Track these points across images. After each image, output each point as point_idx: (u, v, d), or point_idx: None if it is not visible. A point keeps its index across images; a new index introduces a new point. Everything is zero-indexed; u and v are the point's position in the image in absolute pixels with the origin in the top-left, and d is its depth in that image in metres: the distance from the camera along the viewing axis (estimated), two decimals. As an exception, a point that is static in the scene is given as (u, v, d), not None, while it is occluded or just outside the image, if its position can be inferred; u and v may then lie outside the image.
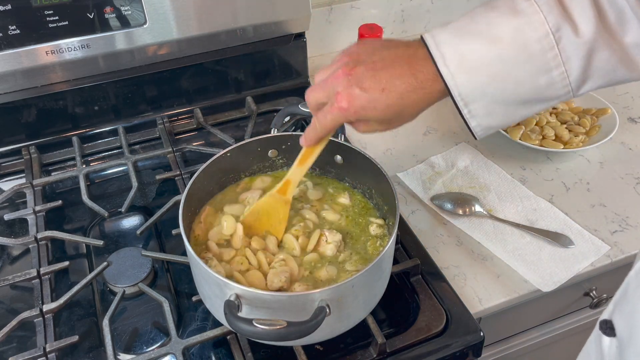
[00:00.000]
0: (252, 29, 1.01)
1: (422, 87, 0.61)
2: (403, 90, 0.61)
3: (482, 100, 0.60)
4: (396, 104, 0.61)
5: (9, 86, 0.92)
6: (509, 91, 0.59)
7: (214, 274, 0.62)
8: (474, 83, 0.59)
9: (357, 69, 0.61)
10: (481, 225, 0.90)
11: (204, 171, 0.76)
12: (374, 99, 0.61)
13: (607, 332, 0.59)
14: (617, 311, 0.59)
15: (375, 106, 0.61)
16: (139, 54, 0.96)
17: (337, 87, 0.62)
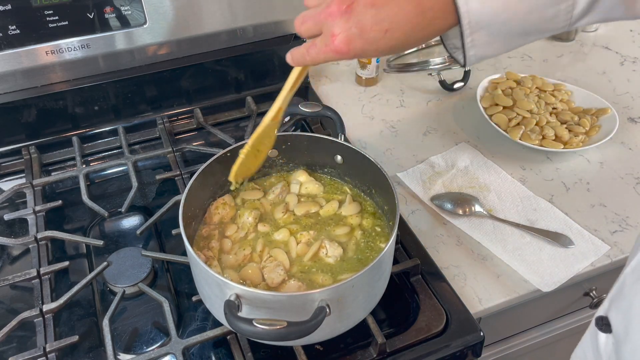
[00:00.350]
0: (252, 29, 1.01)
1: (430, 24, 0.56)
2: (409, 30, 0.56)
3: (487, 29, 0.57)
4: (400, 43, 0.57)
5: (9, 86, 0.91)
6: (516, 21, 0.57)
7: (214, 274, 0.62)
8: (486, 10, 0.55)
9: (354, 6, 0.56)
10: (481, 225, 0.90)
11: (204, 171, 0.76)
12: (375, 41, 0.56)
13: (603, 328, 0.59)
14: (613, 307, 0.59)
15: (377, 48, 0.57)
16: (139, 54, 0.96)
17: (332, 26, 0.57)
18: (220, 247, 0.76)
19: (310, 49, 0.60)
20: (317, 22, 0.59)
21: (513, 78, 1.14)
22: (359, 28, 0.56)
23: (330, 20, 0.57)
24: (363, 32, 0.56)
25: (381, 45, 0.57)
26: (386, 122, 1.11)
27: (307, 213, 0.80)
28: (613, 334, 0.58)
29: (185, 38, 0.96)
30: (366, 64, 1.16)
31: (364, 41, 0.56)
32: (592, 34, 1.36)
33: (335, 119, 0.83)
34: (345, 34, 0.56)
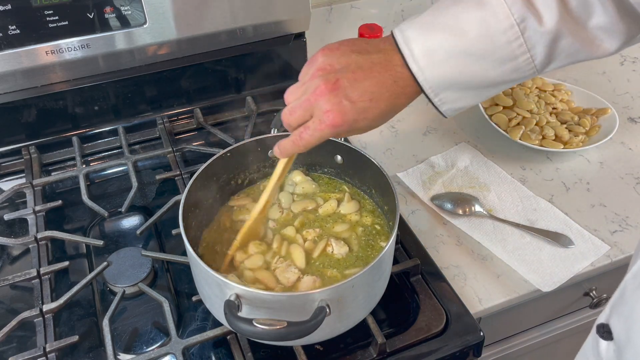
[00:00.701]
0: (252, 29, 1.01)
1: (404, 92, 0.62)
2: (389, 97, 0.62)
3: (451, 89, 0.62)
4: (386, 110, 0.62)
5: (9, 86, 0.91)
6: (476, 79, 0.61)
7: (214, 273, 0.62)
8: (442, 75, 0.60)
9: (340, 82, 0.60)
10: (481, 225, 0.90)
11: (204, 171, 0.76)
12: (364, 110, 0.61)
13: (605, 335, 0.59)
14: (614, 314, 0.59)
15: (366, 116, 0.61)
16: (139, 54, 0.96)
17: (323, 105, 0.60)
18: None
19: (302, 134, 0.63)
20: (306, 108, 0.62)
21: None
22: (348, 100, 0.60)
23: (320, 99, 0.60)
24: (353, 104, 0.60)
25: (369, 114, 0.61)
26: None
27: (305, 209, 0.80)
28: (614, 341, 0.58)
29: (185, 38, 0.96)
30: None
31: (355, 112, 0.60)
32: (592, 34, 1.36)
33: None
34: (337, 107, 0.60)
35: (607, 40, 0.61)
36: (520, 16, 0.57)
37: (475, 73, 0.60)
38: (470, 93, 0.63)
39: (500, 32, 0.58)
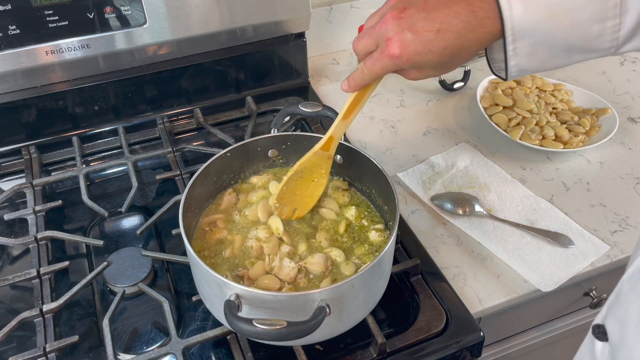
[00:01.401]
0: (252, 29, 1.01)
1: (482, 24, 0.57)
2: (461, 29, 0.57)
3: (530, 38, 0.57)
4: (453, 45, 0.57)
5: (9, 86, 0.92)
6: (559, 33, 0.57)
7: (214, 273, 0.62)
8: (529, 17, 0.56)
9: (408, 10, 0.57)
10: (481, 225, 0.90)
11: (204, 171, 0.76)
12: (428, 42, 0.57)
13: (600, 336, 0.59)
14: (610, 315, 0.58)
15: (431, 49, 0.57)
16: (139, 54, 0.96)
17: (387, 32, 0.58)
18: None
19: (367, 62, 0.62)
20: (373, 36, 0.60)
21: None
22: (412, 30, 0.57)
23: (384, 28, 0.59)
24: (416, 34, 0.57)
25: (434, 46, 0.57)
26: (386, 122, 1.11)
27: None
28: (609, 343, 0.58)
29: (185, 38, 0.97)
30: (366, 64, 1.16)
31: (417, 43, 0.57)
32: (592, 34, 1.36)
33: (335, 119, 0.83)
34: (398, 37, 0.58)
35: None
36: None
37: (562, 24, 0.56)
38: (544, 52, 0.58)
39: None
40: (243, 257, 0.74)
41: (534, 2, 0.56)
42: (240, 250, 0.75)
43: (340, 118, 0.71)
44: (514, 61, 0.59)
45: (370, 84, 0.66)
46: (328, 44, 1.27)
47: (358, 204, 0.81)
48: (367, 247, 0.75)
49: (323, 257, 0.72)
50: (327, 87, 1.20)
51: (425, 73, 0.62)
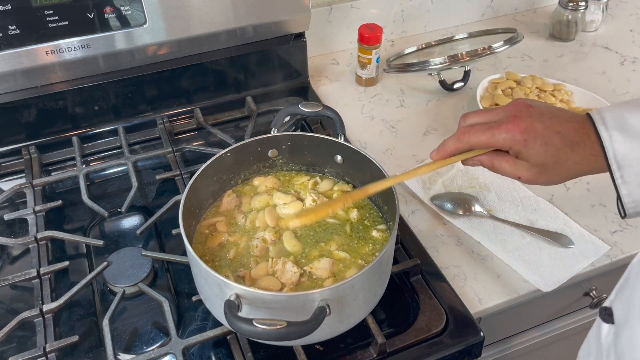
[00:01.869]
0: (252, 29, 1.01)
1: (588, 153, 0.60)
2: (573, 142, 0.59)
3: (637, 167, 0.57)
4: (565, 153, 0.60)
5: (9, 86, 0.92)
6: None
7: (214, 273, 0.62)
8: (631, 147, 0.57)
9: (538, 109, 0.61)
10: (481, 225, 0.90)
11: (204, 171, 0.76)
12: (548, 136, 0.59)
13: (606, 318, 0.59)
14: (617, 298, 0.59)
15: (547, 142, 0.59)
16: (139, 54, 0.96)
17: (516, 112, 0.61)
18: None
19: (473, 129, 0.63)
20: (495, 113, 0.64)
21: (513, 78, 1.14)
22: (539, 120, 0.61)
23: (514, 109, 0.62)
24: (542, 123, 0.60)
25: (551, 141, 0.60)
26: (386, 122, 1.11)
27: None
28: (615, 324, 0.58)
29: (185, 38, 0.97)
30: (366, 64, 1.16)
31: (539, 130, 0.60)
32: (592, 34, 1.36)
33: (335, 119, 0.83)
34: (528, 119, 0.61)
35: None
36: None
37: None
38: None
39: None
40: (246, 258, 0.74)
41: (635, 133, 0.57)
42: (245, 250, 0.75)
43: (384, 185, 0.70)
44: (625, 189, 0.59)
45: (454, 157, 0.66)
46: (328, 44, 1.27)
47: (360, 206, 0.81)
48: (371, 247, 0.75)
49: (329, 262, 0.72)
50: (327, 87, 1.20)
51: (519, 169, 0.62)
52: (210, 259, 0.74)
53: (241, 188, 0.84)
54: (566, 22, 1.30)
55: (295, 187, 0.84)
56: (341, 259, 0.74)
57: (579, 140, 0.59)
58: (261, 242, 0.75)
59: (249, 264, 0.73)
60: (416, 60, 1.15)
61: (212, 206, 0.81)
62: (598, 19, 1.35)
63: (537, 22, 1.40)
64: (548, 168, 0.61)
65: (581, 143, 0.59)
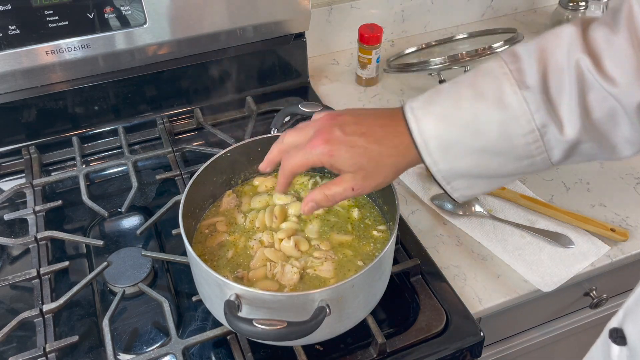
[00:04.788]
0: (252, 29, 1.01)
1: (398, 142, 0.61)
2: (379, 138, 0.60)
3: (463, 179, 0.62)
4: (374, 149, 0.60)
5: (9, 86, 0.92)
6: (490, 172, 0.61)
7: (214, 273, 0.62)
8: (456, 168, 0.60)
9: (341, 117, 0.62)
10: (481, 225, 0.90)
11: (204, 171, 0.76)
12: (350, 140, 0.60)
13: (618, 341, 0.58)
14: (628, 319, 0.57)
15: (351, 145, 0.60)
16: (139, 54, 0.96)
17: (321, 126, 0.62)
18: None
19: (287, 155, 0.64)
20: (302, 131, 0.64)
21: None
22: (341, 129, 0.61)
23: (317, 124, 0.63)
24: (344, 132, 0.61)
25: (358, 143, 0.60)
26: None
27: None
28: (628, 347, 0.58)
29: (185, 38, 0.97)
30: (366, 64, 1.16)
31: (343, 138, 0.60)
32: (592, 34, 1.36)
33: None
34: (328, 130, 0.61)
35: (628, 148, 0.60)
36: (542, 123, 0.57)
37: (491, 167, 0.60)
38: (483, 182, 0.63)
39: (520, 135, 0.57)
40: (245, 258, 0.74)
41: (458, 156, 0.59)
42: (243, 251, 0.75)
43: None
44: (456, 194, 0.63)
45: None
46: (328, 44, 1.27)
47: (361, 205, 0.81)
48: (372, 247, 0.75)
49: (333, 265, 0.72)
50: (327, 87, 1.20)
51: (344, 182, 0.62)
52: (210, 259, 0.74)
53: (241, 188, 0.84)
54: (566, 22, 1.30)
55: (295, 187, 0.84)
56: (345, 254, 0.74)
57: (384, 134, 0.60)
58: (258, 243, 0.75)
59: (247, 265, 0.73)
60: (416, 60, 1.15)
61: (212, 206, 0.81)
62: (598, 19, 1.35)
63: (537, 22, 1.40)
64: (368, 169, 0.61)
65: (389, 136, 0.60)
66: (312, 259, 0.73)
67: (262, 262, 0.73)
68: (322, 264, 0.72)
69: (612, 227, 0.87)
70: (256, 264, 0.73)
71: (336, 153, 0.60)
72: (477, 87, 0.59)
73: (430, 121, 0.59)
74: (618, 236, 0.87)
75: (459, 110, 0.59)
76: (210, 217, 0.80)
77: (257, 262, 0.73)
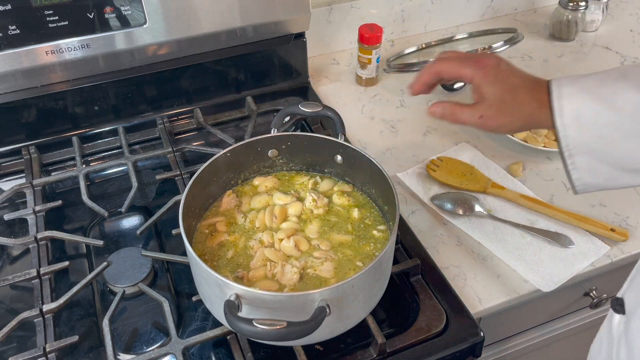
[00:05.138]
0: (252, 29, 1.01)
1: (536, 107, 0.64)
2: (528, 88, 0.65)
3: (587, 155, 0.62)
4: (518, 92, 0.65)
5: (9, 86, 0.92)
6: (615, 156, 0.61)
7: (214, 273, 0.62)
8: (583, 138, 0.61)
9: (505, 61, 0.68)
10: (481, 225, 0.90)
11: (204, 171, 0.76)
12: (508, 75, 0.66)
13: (617, 309, 0.60)
14: (629, 289, 0.59)
15: (504, 80, 0.66)
16: (139, 54, 0.96)
17: (488, 57, 0.68)
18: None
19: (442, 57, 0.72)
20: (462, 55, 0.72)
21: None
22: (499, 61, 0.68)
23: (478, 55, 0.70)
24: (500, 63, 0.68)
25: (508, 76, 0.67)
26: (386, 122, 1.11)
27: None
28: (626, 315, 0.59)
29: (185, 38, 0.96)
30: (366, 64, 1.16)
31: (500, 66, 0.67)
32: (592, 34, 1.36)
33: (335, 119, 0.83)
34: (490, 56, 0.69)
35: None
36: None
37: (615, 149, 0.60)
38: (604, 170, 0.62)
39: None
40: (245, 258, 0.74)
41: (587, 126, 0.60)
42: (243, 251, 0.75)
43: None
44: (575, 174, 0.63)
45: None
46: (328, 44, 1.27)
47: (361, 205, 0.81)
48: (372, 246, 0.76)
49: (333, 265, 0.72)
50: (327, 87, 1.20)
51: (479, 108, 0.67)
52: (210, 259, 0.74)
53: (241, 188, 0.84)
54: (566, 22, 1.30)
55: (295, 187, 0.84)
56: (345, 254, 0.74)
57: (530, 87, 0.65)
58: (258, 243, 0.75)
59: (247, 265, 0.73)
60: (416, 60, 1.15)
61: (212, 206, 0.81)
62: (598, 19, 1.35)
63: (537, 22, 1.40)
64: (503, 105, 0.65)
65: (533, 91, 0.65)
66: (312, 259, 0.73)
67: (262, 262, 0.73)
68: (322, 264, 0.72)
69: (612, 227, 0.87)
70: (256, 264, 0.73)
71: (487, 78, 0.66)
72: (625, 72, 0.61)
73: (571, 89, 0.62)
74: (618, 236, 0.87)
75: (601, 86, 0.60)
76: (210, 217, 0.80)
77: (257, 262, 0.73)
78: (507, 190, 0.93)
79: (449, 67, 0.69)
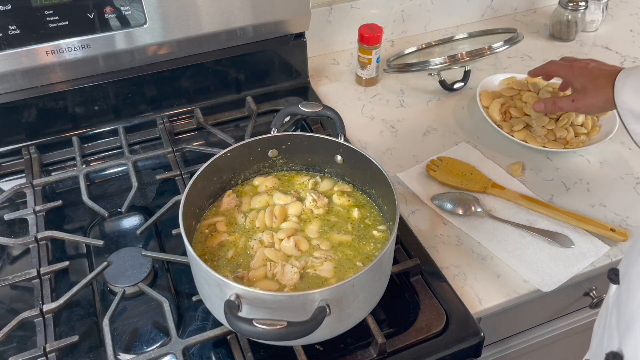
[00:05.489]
0: (252, 29, 1.01)
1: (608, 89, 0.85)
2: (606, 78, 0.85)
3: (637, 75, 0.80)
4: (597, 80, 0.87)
5: (9, 86, 0.92)
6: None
7: (214, 273, 0.62)
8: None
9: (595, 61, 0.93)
10: (481, 225, 0.90)
11: (204, 171, 0.76)
12: (590, 71, 0.89)
13: (613, 279, 0.62)
14: (625, 259, 0.61)
15: (588, 73, 0.89)
16: (139, 54, 0.96)
17: (582, 61, 0.94)
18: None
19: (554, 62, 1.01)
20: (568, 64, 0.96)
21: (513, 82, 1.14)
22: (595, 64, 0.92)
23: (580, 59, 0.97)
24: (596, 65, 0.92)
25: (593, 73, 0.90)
26: (386, 122, 1.11)
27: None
28: (620, 284, 0.60)
29: (185, 38, 0.97)
30: (366, 64, 1.16)
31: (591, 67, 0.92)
32: (592, 34, 1.36)
33: (335, 119, 0.83)
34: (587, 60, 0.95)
35: None
36: None
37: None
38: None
39: None
40: (245, 258, 0.74)
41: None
42: (243, 251, 0.75)
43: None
44: (619, 98, 0.81)
45: None
46: (328, 44, 1.27)
47: (361, 205, 0.81)
48: (372, 246, 0.76)
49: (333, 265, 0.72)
50: (327, 87, 1.20)
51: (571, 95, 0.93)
52: (210, 259, 0.74)
53: (241, 188, 0.85)
54: (566, 22, 1.30)
55: (295, 187, 0.84)
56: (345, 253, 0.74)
57: (607, 77, 0.85)
58: (258, 243, 0.75)
59: (247, 264, 0.73)
60: (416, 60, 1.15)
61: (212, 206, 0.81)
62: (598, 19, 1.35)
63: (537, 22, 1.40)
64: (587, 90, 0.88)
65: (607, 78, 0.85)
66: (312, 258, 0.73)
67: (262, 262, 0.73)
68: (322, 264, 0.72)
69: (612, 227, 0.87)
70: (256, 264, 0.73)
71: (575, 74, 0.91)
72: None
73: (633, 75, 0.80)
74: (618, 236, 0.87)
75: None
76: (210, 217, 0.80)
77: (257, 262, 0.73)
78: (507, 191, 0.93)
79: (552, 68, 0.98)
